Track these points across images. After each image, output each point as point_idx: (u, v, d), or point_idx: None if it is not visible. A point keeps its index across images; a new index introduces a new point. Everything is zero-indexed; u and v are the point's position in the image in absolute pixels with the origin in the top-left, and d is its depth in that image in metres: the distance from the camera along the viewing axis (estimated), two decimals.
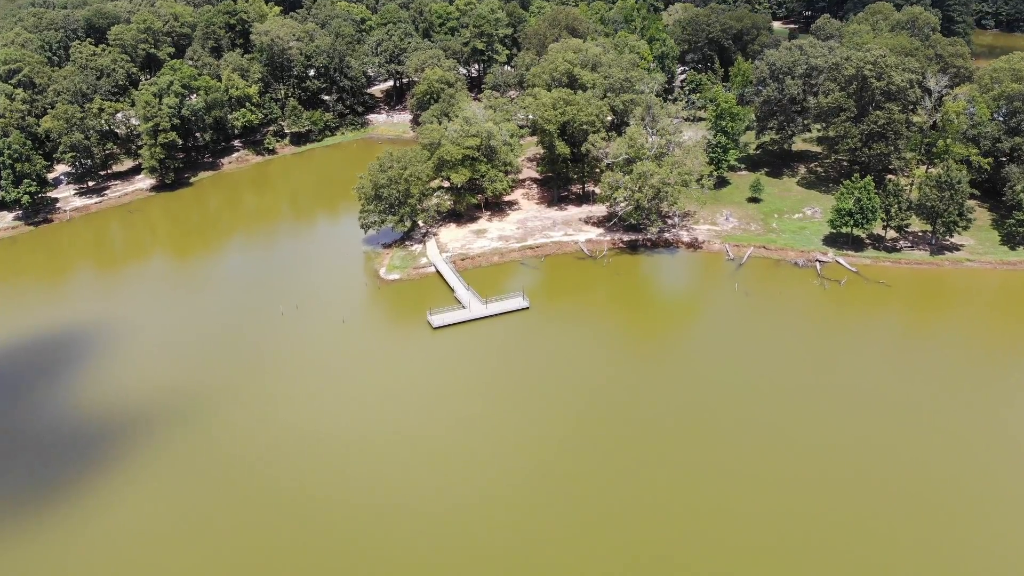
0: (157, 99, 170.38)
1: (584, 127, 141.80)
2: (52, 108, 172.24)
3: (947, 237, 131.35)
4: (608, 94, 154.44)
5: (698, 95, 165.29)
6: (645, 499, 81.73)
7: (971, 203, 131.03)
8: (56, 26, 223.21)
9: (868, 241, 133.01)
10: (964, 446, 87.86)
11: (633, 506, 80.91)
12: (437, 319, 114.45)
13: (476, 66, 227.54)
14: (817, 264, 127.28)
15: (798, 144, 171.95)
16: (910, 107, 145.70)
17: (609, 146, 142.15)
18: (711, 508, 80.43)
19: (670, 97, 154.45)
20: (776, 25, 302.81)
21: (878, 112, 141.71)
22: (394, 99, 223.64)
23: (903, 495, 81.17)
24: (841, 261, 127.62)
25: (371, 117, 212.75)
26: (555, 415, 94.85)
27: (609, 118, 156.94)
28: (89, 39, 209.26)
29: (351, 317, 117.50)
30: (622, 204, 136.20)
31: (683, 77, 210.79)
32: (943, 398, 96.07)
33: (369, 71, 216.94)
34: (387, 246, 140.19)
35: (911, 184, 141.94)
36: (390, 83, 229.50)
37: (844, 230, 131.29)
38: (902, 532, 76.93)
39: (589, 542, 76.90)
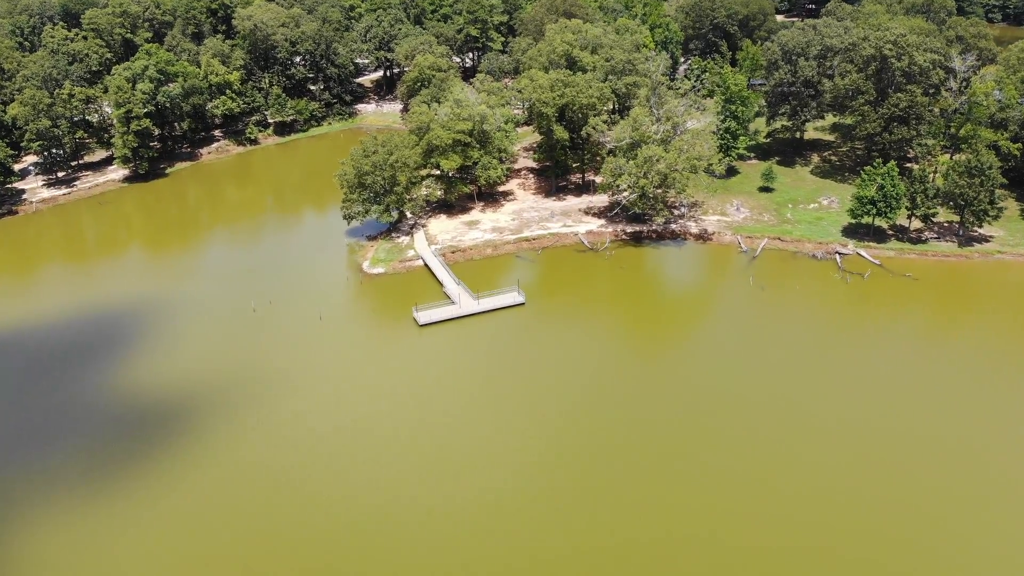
0: (130, 84, 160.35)
1: (584, 111, 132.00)
2: (20, 94, 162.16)
3: (976, 228, 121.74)
4: (610, 77, 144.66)
5: (703, 77, 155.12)
6: (648, 508, 72.22)
7: (999, 192, 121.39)
8: (31, 11, 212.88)
9: (891, 232, 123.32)
10: (999, 453, 78.06)
11: (635, 514, 71.49)
12: (424, 316, 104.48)
13: (470, 54, 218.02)
14: (837, 256, 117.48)
15: (810, 132, 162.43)
16: (931, 90, 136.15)
17: (610, 132, 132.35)
18: (717, 514, 71.20)
19: (674, 82, 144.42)
20: (779, 19, 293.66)
21: (899, 95, 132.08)
22: (384, 89, 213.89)
23: (927, 504, 71.78)
24: (863, 253, 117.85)
25: (360, 107, 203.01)
26: (553, 419, 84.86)
27: (608, 106, 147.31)
28: (63, 23, 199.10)
29: (329, 314, 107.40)
30: (625, 192, 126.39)
31: (686, 65, 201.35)
32: (978, 401, 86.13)
33: (358, 59, 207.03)
34: (372, 238, 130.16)
35: (935, 171, 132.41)
36: (380, 73, 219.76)
37: (865, 220, 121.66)
38: (922, 541, 67.79)
39: (588, 548, 67.49)
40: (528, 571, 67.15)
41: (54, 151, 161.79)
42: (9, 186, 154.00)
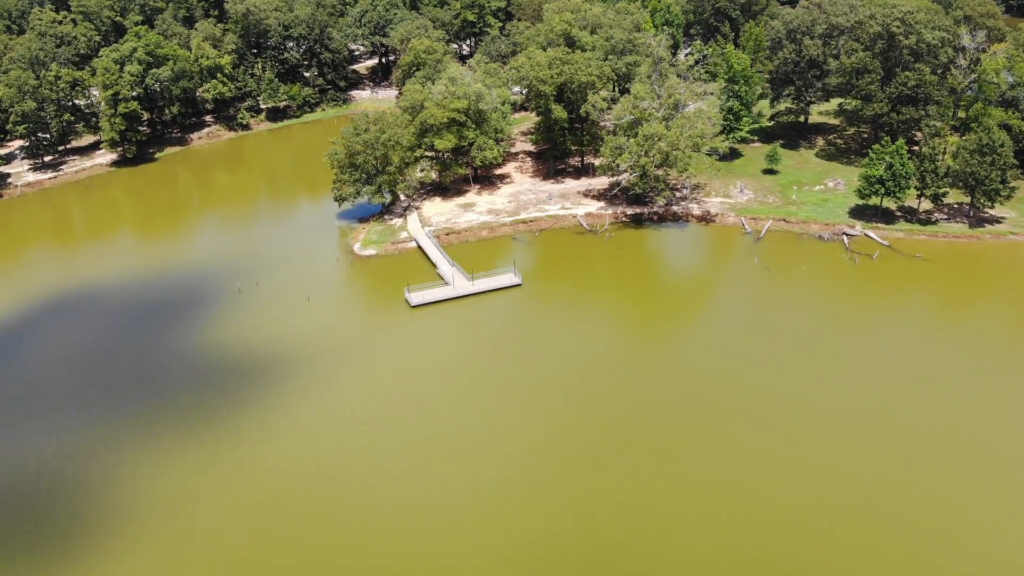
0: (118, 66, 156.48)
1: (583, 89, 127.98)
2: (5, 76, 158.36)
3: (987, 208, 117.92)
4: (610, 56, 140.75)
5: (706, 54, 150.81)
6: (646, 490, 68.82)
7: (1010, 172, 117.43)
8: None
9: (899, 214, 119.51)
10: (1013, 436, 74.64)
11: (633, 496, 68.20)
12: (416, 296, 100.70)
13: (467, 41, 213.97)
14: (844, 237, 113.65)
15: (814, 116, 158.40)
16: (940, 69, 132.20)
17: (610, 113, 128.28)
18: (719, 500, 67.71)
19: (676, 59, 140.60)
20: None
21: (907, 73, 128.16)
22: (379, 76, 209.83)
23: (936, 486, 68.46)
24: (871, 234, 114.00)
25: (354, 93, 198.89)
26: (548, 402, 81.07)
27: (608, 86, 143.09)
28: (51, 5, 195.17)
29: (318, 295, 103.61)
30: (625, 173, 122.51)
31: (688, 50, 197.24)
32: (992, 384, 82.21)
33: (352, 45, 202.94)
34: (364, 221, 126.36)
35: (944, 151, 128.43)
36: (375, 60, 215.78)
37: (873, 201, 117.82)
38: (929, 523, 64.63)
39: (584, 531, 64.30)
40: (522, 554, 63.51)
41: (40, 135, 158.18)
42: None
